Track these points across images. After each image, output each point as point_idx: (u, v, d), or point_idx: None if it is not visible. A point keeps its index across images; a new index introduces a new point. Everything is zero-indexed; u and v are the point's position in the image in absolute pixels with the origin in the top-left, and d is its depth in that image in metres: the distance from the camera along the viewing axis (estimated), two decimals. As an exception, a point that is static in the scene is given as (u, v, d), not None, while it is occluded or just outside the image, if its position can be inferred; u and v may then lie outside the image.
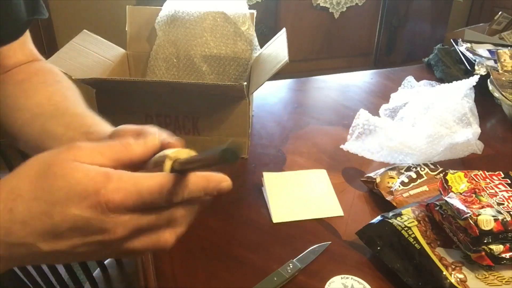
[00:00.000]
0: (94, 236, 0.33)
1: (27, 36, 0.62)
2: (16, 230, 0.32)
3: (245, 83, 0.76)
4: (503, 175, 0.68)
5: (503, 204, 0.61)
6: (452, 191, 0.63)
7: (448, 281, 0.56)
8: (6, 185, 0.33)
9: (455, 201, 0.60)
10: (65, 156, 0.33)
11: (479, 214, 0.57)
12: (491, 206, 0.59)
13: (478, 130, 0.81)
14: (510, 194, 0.63)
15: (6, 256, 0.33)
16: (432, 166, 0.78)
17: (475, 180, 0.66)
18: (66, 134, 0.51)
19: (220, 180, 0.37)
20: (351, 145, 0.81)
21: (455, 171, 0.67)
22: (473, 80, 0.85)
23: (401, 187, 0.73)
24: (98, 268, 1.11)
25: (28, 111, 0.54)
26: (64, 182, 0.32)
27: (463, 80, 0.86)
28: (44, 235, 0.32)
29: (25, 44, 0.62)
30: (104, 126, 0.53)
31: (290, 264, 0.62)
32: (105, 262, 1.13)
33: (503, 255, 0.56)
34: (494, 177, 0.67)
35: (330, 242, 0.66)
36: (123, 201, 0.32)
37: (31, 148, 0.54)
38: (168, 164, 0.36)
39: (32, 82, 0.58)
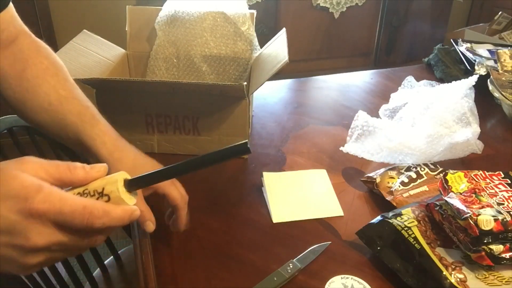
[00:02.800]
0: (17, 239, 0.37)
1: (13, 8, 0.64)
2: None
3: (245, 83, 0.76)
4: (503, 175, 0.68)
5: (503, 204, 0.61)
6: (452, 191, 0.63)
7: (448, 281, 0.56)
8: None
9: (455, 201, 0.60)
10: (13, 166, 0.38)
11: (479, 214, 0.57)
12: (491, 206, 0.59)
13: (478, 130, 0.81)
14: (510, 194, 0.63)
15: None
16: (432, 166, 0.78)
17: (475, 180, 0.66)
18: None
19: (135, 209, 0.41)
20: (351, 147, 0.81)
21: (455, 171, 0.67)
22: (473, 79, 0.84)
23: (401, 187, 0.73)
24: (98, 268, 1.11)
25: (39, 114, 0.63)
26: (3, 186, 0.37)
27: (463, 79, 0.86)
28: None
29: (14, 16, 0.64)
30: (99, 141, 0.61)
31: (290, 264, 0.62)
32: (105, 262, 1.13)
33: (503, 255, 0.56)
34: (494, 177, 0.67)
35: (330, 242, 0.67)
36: (46, 212, 0.37)
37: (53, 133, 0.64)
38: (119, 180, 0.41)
39: (29, 79, 0.63)
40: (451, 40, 1.27)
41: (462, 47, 1.23)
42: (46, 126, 0.64)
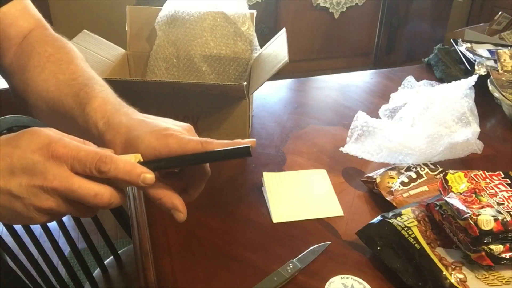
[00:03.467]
0: (36, 179, 0.42)
1: (26, 2, 0.61)
2: None
3: (245, 83, 0.76)
4: (503, 175, 0.68)
5: (503, 204, 0.61)
6: (452, 191, 0.63)
7: (448, 281, 0.56)
8: None
9: (455, 201, 0.60)
10: (36, 127, 0.44)
11: (479, 214, 0.57)
12: (491, 206, 0.59)
13: (478, 130, 0.81)
14: (510, 194, 0.63)
15: None
16: (432, 166, 0.78)
17: (475, 180, 0.66)
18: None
19: (146, 171, 0.45)
20: (350, 147, 0.81)
21: (455, 171, 0.67)
22: (472, 79, 0.84)
23: (401, 187, 0.73)
24: (98, 268, 1.11)
25: (40, 106, 0.58)
26: (29, 136, 0.43)
27: (463, 79, 0.86)
28: (3, 171, 0.42)
29: (26, 10, 0.61)
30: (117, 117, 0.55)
31: (290, 264, 0.62)
32: (105, 262, 1.13)
33: (503, 255, 0.56)
34: (494, 177, 0.67)
35: (330, 242, 0.67)
36: (65, 155, 0.42)
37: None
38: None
39: (30, 69, 0.58)
40: (451, 40, 1.27)
41: (462, 47, 1.23)
42: (49, 119, 0.57)
